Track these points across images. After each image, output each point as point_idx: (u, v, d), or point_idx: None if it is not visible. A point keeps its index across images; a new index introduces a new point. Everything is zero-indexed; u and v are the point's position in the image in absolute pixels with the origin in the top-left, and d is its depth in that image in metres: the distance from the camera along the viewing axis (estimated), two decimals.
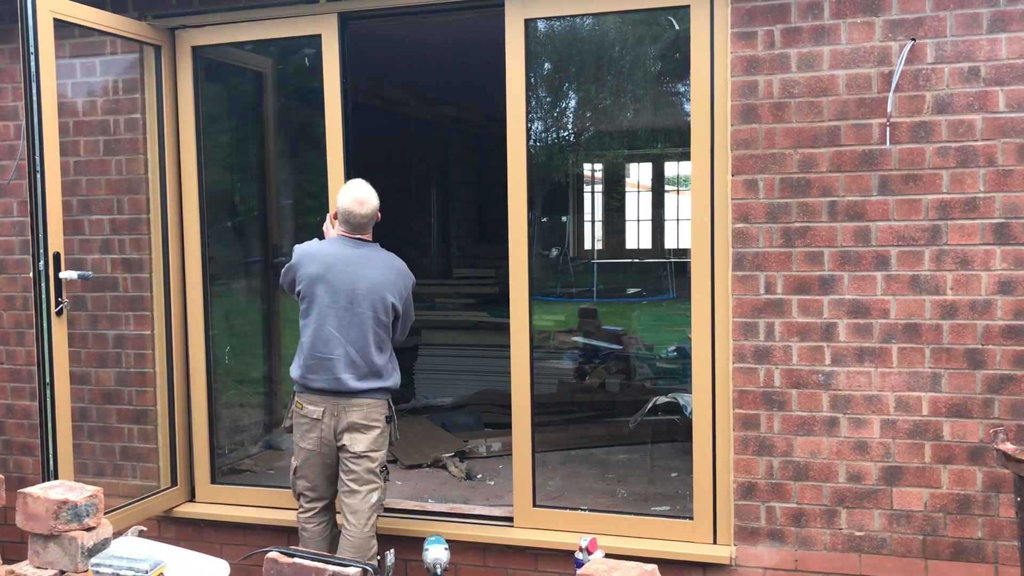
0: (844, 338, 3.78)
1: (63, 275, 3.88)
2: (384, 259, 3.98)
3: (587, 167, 11.75)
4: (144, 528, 3.56)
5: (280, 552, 2.90)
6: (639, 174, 13.11)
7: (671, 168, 12.68)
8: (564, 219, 11.28)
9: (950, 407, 3.69)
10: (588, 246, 12.20)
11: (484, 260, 10.25)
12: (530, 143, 4.22)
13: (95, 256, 4.75)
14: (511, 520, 4.34)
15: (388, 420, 3.97)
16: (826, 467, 3.83)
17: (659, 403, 5.72)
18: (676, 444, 5.69)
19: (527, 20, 4.13)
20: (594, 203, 12.53)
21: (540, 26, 4.74)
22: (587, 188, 12.09)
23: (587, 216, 12.17)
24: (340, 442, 3.89)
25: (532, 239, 4.25)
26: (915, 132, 3.66)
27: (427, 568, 3.92)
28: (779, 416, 3.87)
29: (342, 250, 3.92)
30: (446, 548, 3.93)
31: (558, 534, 4.20)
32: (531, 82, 4.22)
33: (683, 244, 11.27)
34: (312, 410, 3.89)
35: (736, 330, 3.90)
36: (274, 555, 2.89)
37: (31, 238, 3.83)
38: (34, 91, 3.78)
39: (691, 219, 4.01)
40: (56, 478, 3.82)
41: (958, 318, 3.66)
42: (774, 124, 3.80)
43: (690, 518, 4.08)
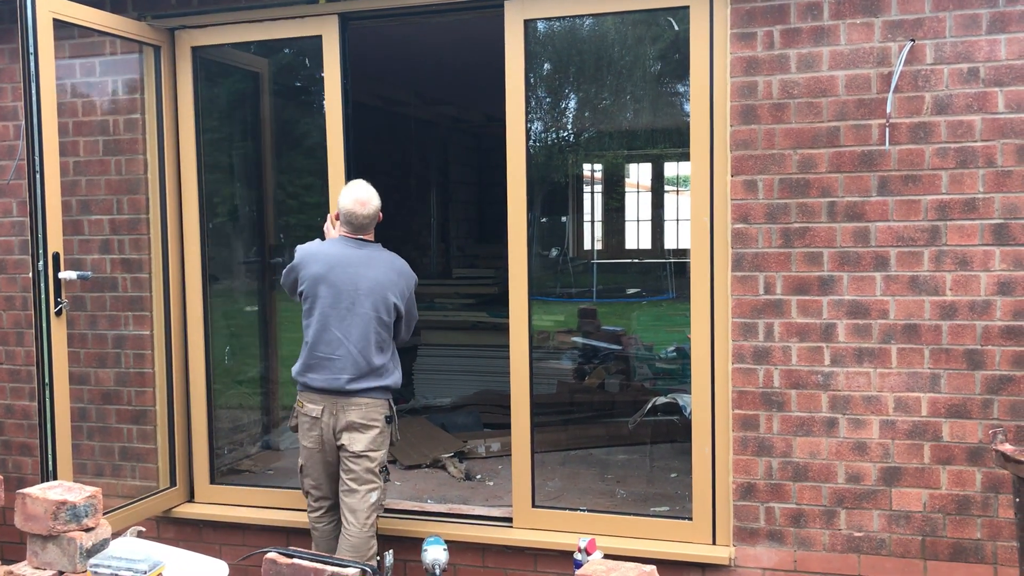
0: (843, 339, 3.78)
1: (62, 275, 3.88)
2: (386, 259, 3.99)
3: (587, 167, 11.75)
4: (143, 528, 3.56)
5: (279, 552, 2.91)
6: (639, 174, 13.11)
7: (671, 168, 12.68)
8: (564, 219, 11.28)
9: (949, 408, 3.69)
10: (588, 246, 12.20)
11: (484, 260, 10.25)
12: (530, 143, 4.22)
13: (94, 256, 4.75)
14: (510, 521, 4.34)
15: (388, 420, 3.98)
16: (825, 468, 3.83)
17: (658, 403, 5.72)
18: (675, 444, 5.69)
19: (526, 20, 4.13)
20: (594, 203, 12.53)
21: (540, 26, 4.74)
22: (587, 188, 12.09)
23: (587, 216, 12.17)
24: (339, 441, 3.91)
25: (532, 239, 4.25)
26: (914, 133, 3.66)
27: (426, 569, 3.92)
28: (778, 417, 3.87)
29: (344, 250, 3.94)
30: (445, 549, 3.93)
31: (557, 535, 4.20)
32: (531, 82, 4.22)
33: (683, 244, 11.27)
34: (312, 408, 3.92)
35: (735, 330, 3.90)
36: (273, 555, 2.89)
37: (30, 238, 3.83)
38: (33, 91, 3.78)
39: (690, 219, 4.01)
40: (55, 478, 3.82)
41: (957, 319, 3.66)
42: (773, 125, 3.80)
43: (689, 519, 4.08)
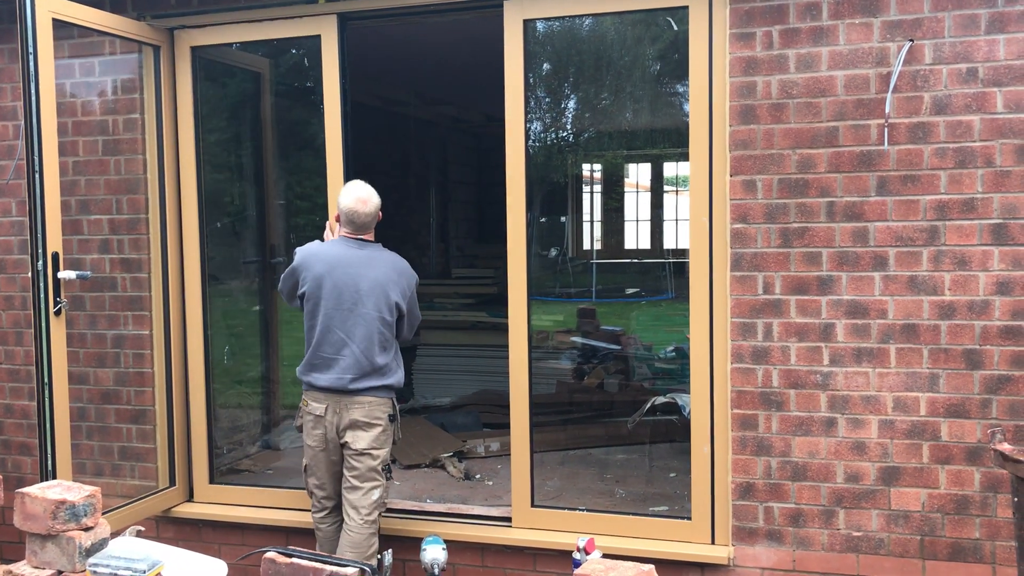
0: (842, 338, 3.78)
1: (61, 275, 3.88)
2: (387, 259, 4.02)
3: (586, 167, 11.75)
4: (142, 528, 3.56)
5: (278, 552, 2.91)
6: (638, 174, 13.11)
7: (670, 168, 12.68)
8: (563, 219, 11.28)
9: (948, 407, 3.69)
10: (587, 246, 12.20)
11: (483, 260, 10.25)
12: (529, 143, 4.23)
13: (94, 256, 4.75)
14: (509, 520, 4.34)
15: (391, 419, 4.01)
16: (824, 467, 3.83)
17: (657, 403, 5.72)
18: (674, 444, 5.69)
19: (526, 20, 4.13)
20: (593, 203, 12.53)
21: (539, 26, 4.75)
22: (586, 188, 12.09)
23: (586, 216, 12.17)
24: (343, 439, 3.94)
25: (531, 239, 4.26)
26: (913, 133, 3.66)
27: (425, 568, 3.92)
28: (777, 416, 3.87)
29: (346, 251, 3.96)
30: (444, 548, 3.93)
31: (556, 534, 4.20)
32: (530, 82, 4.22)
33: (682, 244, 11.27)
34: (316, 407, 3.95)
35: (734, 330, 3.91)
36: (272, 555, 2.89)
37: (30, 238, 3.83)
38: (33, 91, 3.78)
39: (689, 219, 4.01)
40: (54, 478, 3.82)
41: (956, 318, 3.66)
42: (772, 125, 3.80)
43: (688, 518, 4.08)
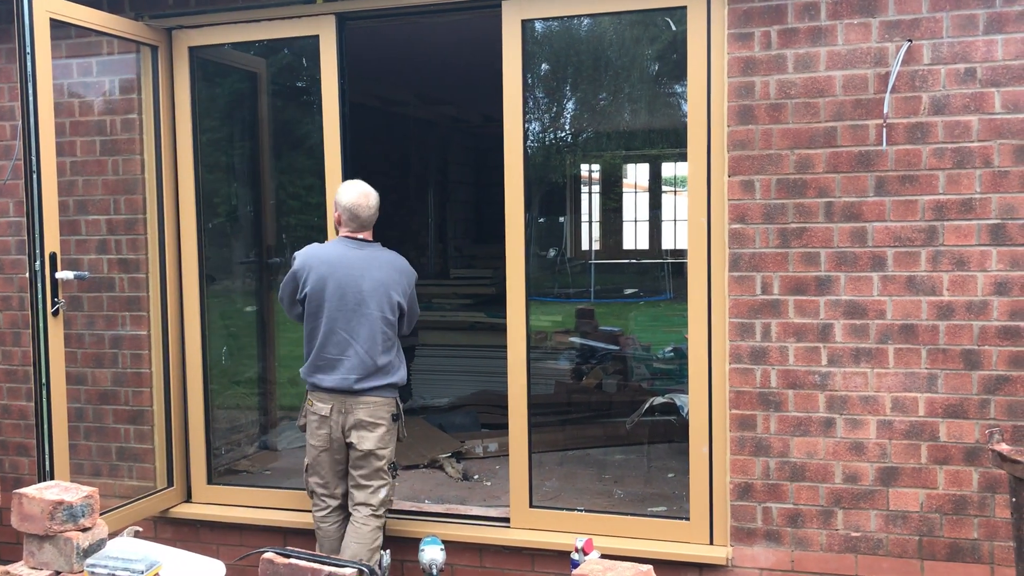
0: (840, 339, 3.78)
1: (59, 275, 3.87)
2: (388, 259, 4.05)
3: (584, 168, 11.75)
4: (140, 528, 3.56)
5: (276, 552, 2.90)
6: (636, 175, 13.11)
7: (668, 169, 12.68)
8: (561, 220, 11.27)
9: (946, 408, 3.69)
10: (585, 247, 12.20)
11: (481, 260, 10.24)
12: (527, 143, 4.23)
13: (91, 256, 4.75)
14: (507, 521, 4.34)
15: (395, 418, 4.05)
16: (822, 468, 3.83)
17: (656, 404, 5.71)
18: (673, 445, 5.69)
19: (524, 21, 4.13)
20: (591, 204, 12.53)
21: (537, 27, 4.74)
22: (584, 189, 12.09)
23: (584, 217, 12.17)
24: (348, 439, 3.97)
25: (529, 240, 4.25)
26: (911, 133, 3.66)
27: (423, 569, 3.92)
28: (775, 417, 3.87)
29: (346, 251, 3.98)
30: (442, 549, 3.93)
31: (554, 535, 4.20)
32: (528, 83, 4.22)
33: (680, 245, 11.27)
34: (321, 407, 3.98)
35: (733, 331, 3.90)
36: (270, 555, 2.89)
37: (27, 238, 3.82)
38: (30, 91, 3.77)
39: (688, 220, 4.01)
40: (52, 479, 3.81)
41: (954, 319, 3.66)
42: (771, 125, 3.80)
43: (686, 519, 4.08)
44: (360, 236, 4.03)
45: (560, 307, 8.34)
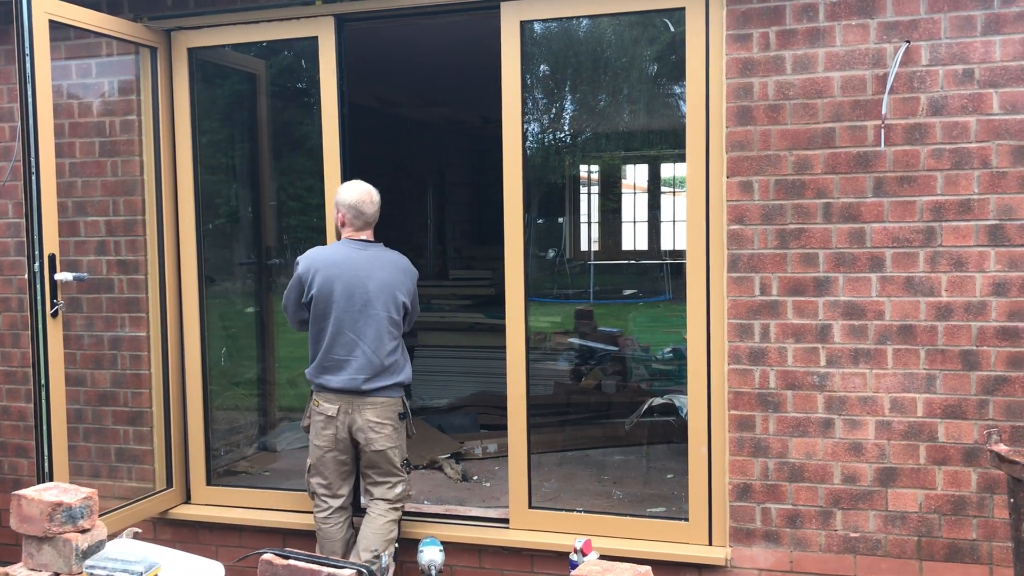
0: (839, 339, 3.79)
1: (58, 277, 3.87)
2: (391, 259, 4.08)
3: (583, 168, 11.76)
4: (139, 530, 3.56)
5: (275, 554, 2.90)
6: (635, 175, 13.13)
7: (667, 170, 12.69)
8: (560, 220, 11.29)
9: (945, 408, 3.70)
10: (584, 247, 12.21)
11: (480, 261, 10.25)
12: (526, 144, 4.23)
13: (90, 258, 4.75)
14: (507, 522, 4.34)
15: (402, 416, 4.09)
16: (821, 468, 3.83)
17: (655, 404, 5.72)
18: (672, 445, 5.70)
19: (523, 22, 4.13)
20: (590, 204, 12.55)
21: (536, 28, 4.75)
22: (583, 189, 12.10)
23: (583, 217, 12.18)
24: (356, 438, 4.00)
25: (528, 240, 4.26)
26: (910, 134, 3.66)
27: (422, 570, 3.92)
28: (774, 417, 3.87)
29: (350, 253, 4.00)
30: (441, 550, 3.94)
31: (553, 536, 4.20)
32: (527, 84, 4.22)
33: (679, 245, 11.28)
34: (328, 408, 3.99)
35: (731, 331, 3.91)
36: (269, 557, 2.89)
37: (26, 240, 3.82)
38: (29, 93, 3.77)
39: (686, 221, 4.01)
40: (51, 480, 3.81)
41: (953, 319, 3.67)
42: (769, 126, 3.81)
43: (686, 519, 4.08)
44: (363, 237, 4.06)
45: (559, 308, 8.35)
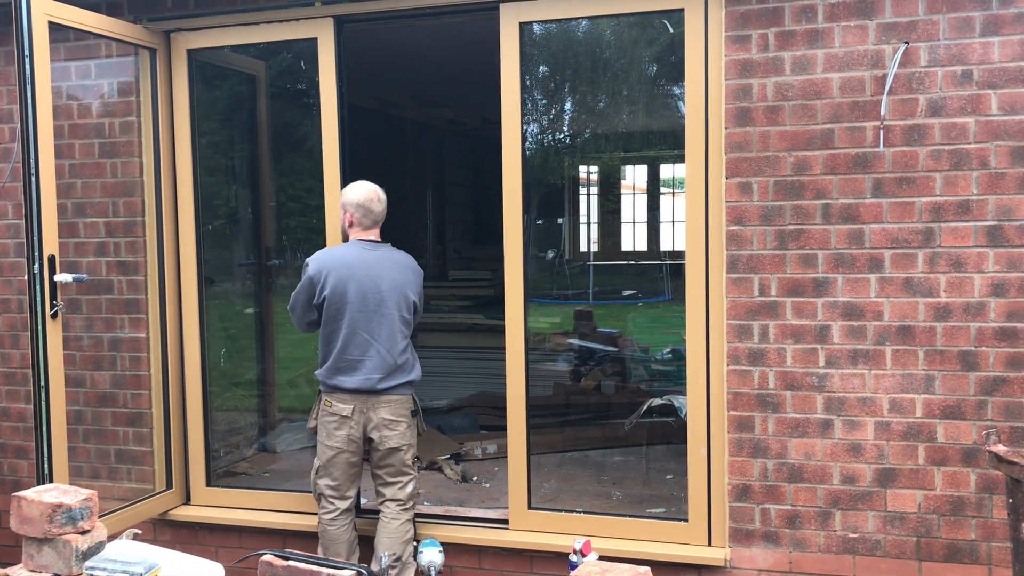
0: (838, 340, 3.79)
1: (58, 278, 3.87)
2: (400, 259, 4.12)
3: (583, 169, 11.77)
4: (139, 531, 3.56)
5: (275, 555, 2.90)
6: (634, 176, 13.14)
7: (666, 170, 12.70)
8: (560, 221, 11.29)
9: (943, 409, 3.70)
10: (584, 248, 12.22)
11: (480, 262, 10.26)
12: (525, 145, 4.23)
13: (90, 259, 4.75)
14: (506, 522, 4.34)
15: (413, 414, 4.11)
16: (820, 469, 3.84)
17: (654, 405, 5.72)
18: (671, 446, 5.70)
19: (522, 23, 4.14)
20: (590, 205, 12.55)
21: (535, 29, 4.75)
22: (583, 190, 12.11)
23: (583, 218, 12.19)
24: (370, 438, 4.01)
25: (528, 241, 4.26)
26: (908, 135, 3.67)
27: (422, 571, 3.93)
28: (773, 418, 3.88)
29: (360, 253, 4.02)
30: (440, 551, 3.94)
31: (553, 536, 4.20)
32: (526, 85, 4.22)
33: (678, 246, 11.29)
34: (342, 408, 3.99)
35: (730, 332, 3.91)
36: (269, 558, 2.89)
37: (26, 241, 3.82)
38: (29, 94, 3.77)
39: (685, 221, 4.02)
40: (51, 481, 3.81)
41: (951, 320, 3.67)
42: (768, 127, 3.81)
43: (685, 520, 4.08)
44: (372, 237, 4.09)
45: (559, 309, 8.35)
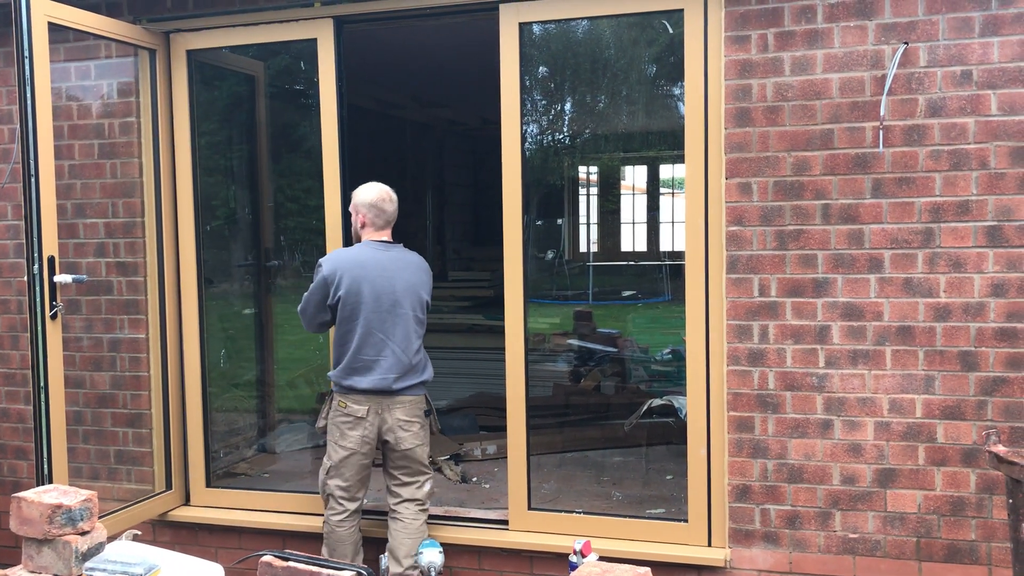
0: (838, 340, 3.79)
1: (57, 279, 3.87)
2: (413, 260, 4.16)
3: (582, 170, 11.77)
4: (138, 532, 3.55)
5: (275, 555, 2.90)
6: (634, 177, 13.14)
7: (666, 171, 12.70)
8: (559, 222, 11.29)
9: (943, 409, 3.70)
10: (583, 249, 12.22)
11: (479, 263, 10.26)
12: (525, 146, 4.24)
13: (90, 260, 4.75)
14: (506, 523, 4.34)
15: (427, 414, 4.12)
16: (820, 469, 3.84)
17: (654, 406, 5.72)
18: (671, 447, 5.70)
19: (521, 24, 4.14)
20: (589, 206, 12.55)
21: (535, 29, 4.75)
22: (582, 191, 12.11)
23: (582, 219, 12.19)
24: (385, 439, 4.02)
25: (527, 242, 4.26)
26: (908, 135, 3.67)
27: (421, 571, 3.93)
28: (773, 418, 3.88)
29: (374, 254, 4.04)
30: (440, 551, 3.94)
31: (553, 537, 4.20)
32: (526, 85, 4.23)
33: (678, 247, 11.29)
34: (357, 409, 3.99)
35: (730, 333, 3.91)
36: (269, 558, 2.89)
37: (25, 242, 3.82)
38: (28, 95, 3.77)
39: (685, 222, 4.02)
40: (50, 482, 3.81)
41: (951, 320, 3.67)
42: (768, 127, 3.81)
43: (685, 520, 4.08)
44: (384, 237, 4.11)
45: (558, 309, 8.35)
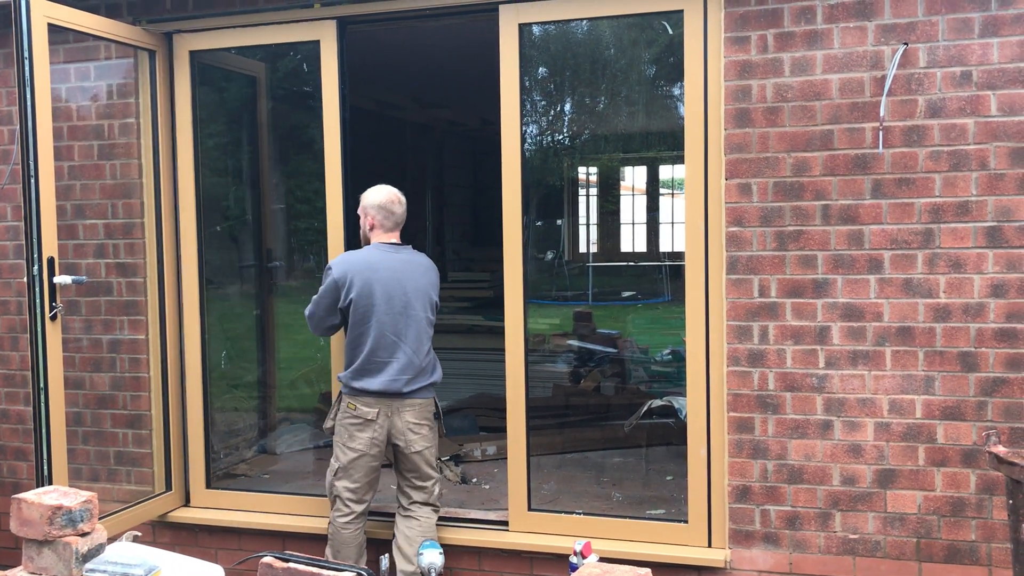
0: (838, 341, 3.79)
1: (57, 280, 3.87)
2: (422, 261, 4.18)
3: (582, 170, 11.77)
4: (138, 533, 3.55)
5: (275, 557, 2.90)
6: (634, 177, 13.14)
7: (666, 171, 12.70)
8: (559, 222, 11.30)
9: (943, 410, 3.70)
10: (583, 249, 12.21)
11: (479, 263, 10.26)
12: (525, 147, 4.24)
13: (89, 260, 4.75)
14: (506, 524, 4.34)
15: (436, 416, 4.15)
16: (820, 470, 3.84)
17: (654, 406, 5.72)
18: (671, 447, 5.70)
19: (521, 25, 4.14)
20: (589, 206, 12.55)
21: (535, 30, 4.76)
22: (582, 191, 12.11)
23: (582, 219, 12.19)
24: (395, 442, 4.02)
25: (527, 242, 4.26)
26: (908, 136, 3.67)
27: (422, 573, 3.92)
28: (773, 419, 3.88)
29: (385, 256, 4.06)
30: (440, 552, 3.93)
31: (553, 538, 4.20)
32: (525, 86, 4.23)
33: (678, 247, 11.29)
34: (367, 411, 3.99)
35: (730, 333, 3.91)
36: (269, 560, 2.89)
37: (25, 243, 3.82)
38: (28, 96, 3.77)
39: (685, 223, 4.02)
40: (50, 483, 3.81)
41: (951, 321, 3.67)
42: (767, 128, 3.81)
43: (685, 521, 4.08)
44: (393, 240, 4.13)
45: (558, 310, 8.35)
